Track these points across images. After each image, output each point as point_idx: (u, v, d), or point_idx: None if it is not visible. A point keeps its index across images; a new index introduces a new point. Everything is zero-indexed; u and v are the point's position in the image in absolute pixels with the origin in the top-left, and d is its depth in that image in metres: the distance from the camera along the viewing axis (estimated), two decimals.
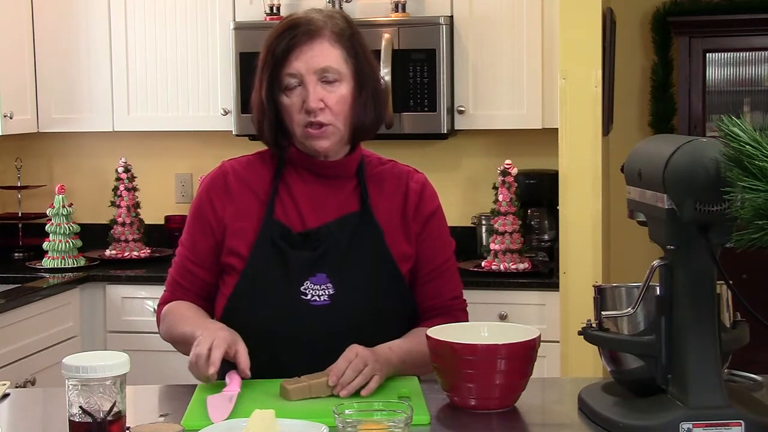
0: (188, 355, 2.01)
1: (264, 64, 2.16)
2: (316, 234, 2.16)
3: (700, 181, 1.64)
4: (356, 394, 1.95)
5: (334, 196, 2.20)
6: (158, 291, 2.33)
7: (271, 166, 2.23)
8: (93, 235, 4.40)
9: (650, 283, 1.77)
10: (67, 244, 4.15)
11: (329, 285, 2.13)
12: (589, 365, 3.38)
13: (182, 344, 2.15)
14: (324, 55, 2.12)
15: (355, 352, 1.99)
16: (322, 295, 2.12)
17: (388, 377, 2.02)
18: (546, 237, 4.20)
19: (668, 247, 1.74)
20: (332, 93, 2.13)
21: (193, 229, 2.24)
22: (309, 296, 2.12)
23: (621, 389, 1.86)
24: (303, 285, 2.13)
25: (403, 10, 4.03)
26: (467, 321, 2.25)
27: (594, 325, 1.84)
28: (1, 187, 4.58)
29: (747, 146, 1.51)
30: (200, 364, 1.95)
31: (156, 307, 2.30)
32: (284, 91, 2.14)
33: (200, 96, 4.24)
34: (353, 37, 2.17)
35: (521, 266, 3.89)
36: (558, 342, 3.63)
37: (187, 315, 2.18)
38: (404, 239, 2.21)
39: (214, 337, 1.98)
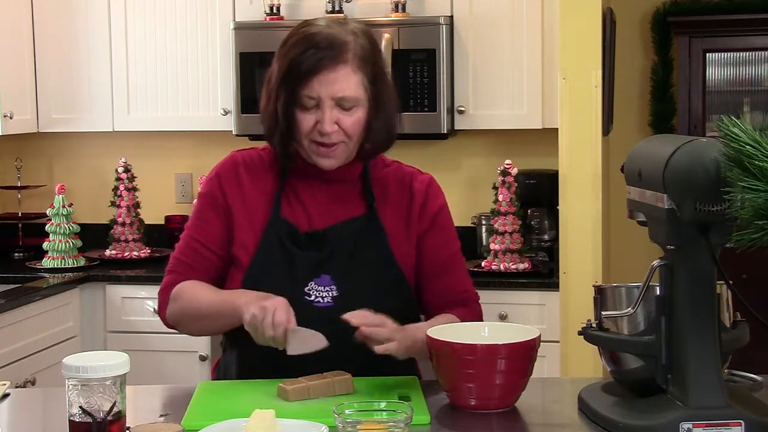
0: (209, 328, 2.05)
1: (283, 76, 2.12)
2: (322, 235, 2.16)
3: (700, 181, 1.64)
4: (356, 393, 1.95)
5: (340, 199, 2.21)
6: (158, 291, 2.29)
7: (279, 165, 2.23)
8: (93, 235, 4.40)
9: (650, 283, 1.77)
10: (67, 244, 4.15)
11: (333, 287, 2.13)
12: (589, 365, 3.38)
13: (207, 317, 2.13)
14: (345, 82, 2.10)
15: (383, 318, 2.00)
16: (326, 296, 2.13)
17: (404, 358, 2.03)
18: (546, 237, 4.20)
19: (668, 247, 1.74)
20: (348, 117, 2.12)
21: (202, 211, 2.22)
22: (312, 297, 2.13)
23: (621, 389, 1.86)
24: (307, 286, 2.13)
25: (403, 10, 4.03)
26: (481, 311, 2.26)
27: (594, 325, 1.84)
28: (1, 187, 4.58)
29: (747, 146, 1.51)
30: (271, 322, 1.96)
31: (156, 306, 2.28)
32: (300, 107, 2.12)
33: (200, 96, 4.23)
34: (376, 63, 2.15)
35: (521, 266, 3.89)
36: (558, 342, 3.62)
37: (208, 290, 2.14)
38: (409, 243, 2.22)
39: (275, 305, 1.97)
